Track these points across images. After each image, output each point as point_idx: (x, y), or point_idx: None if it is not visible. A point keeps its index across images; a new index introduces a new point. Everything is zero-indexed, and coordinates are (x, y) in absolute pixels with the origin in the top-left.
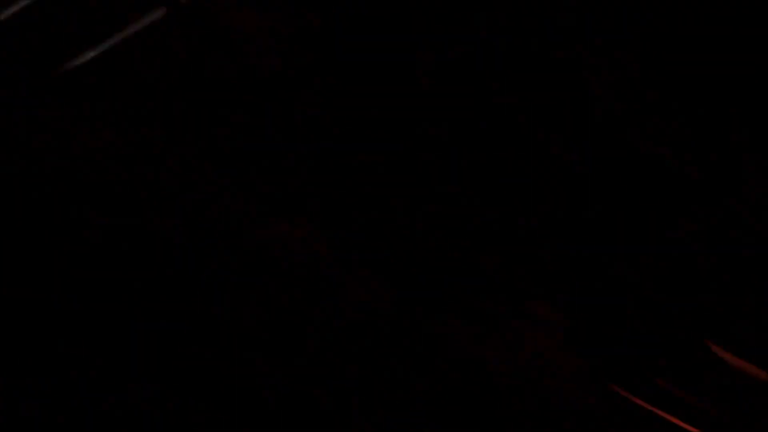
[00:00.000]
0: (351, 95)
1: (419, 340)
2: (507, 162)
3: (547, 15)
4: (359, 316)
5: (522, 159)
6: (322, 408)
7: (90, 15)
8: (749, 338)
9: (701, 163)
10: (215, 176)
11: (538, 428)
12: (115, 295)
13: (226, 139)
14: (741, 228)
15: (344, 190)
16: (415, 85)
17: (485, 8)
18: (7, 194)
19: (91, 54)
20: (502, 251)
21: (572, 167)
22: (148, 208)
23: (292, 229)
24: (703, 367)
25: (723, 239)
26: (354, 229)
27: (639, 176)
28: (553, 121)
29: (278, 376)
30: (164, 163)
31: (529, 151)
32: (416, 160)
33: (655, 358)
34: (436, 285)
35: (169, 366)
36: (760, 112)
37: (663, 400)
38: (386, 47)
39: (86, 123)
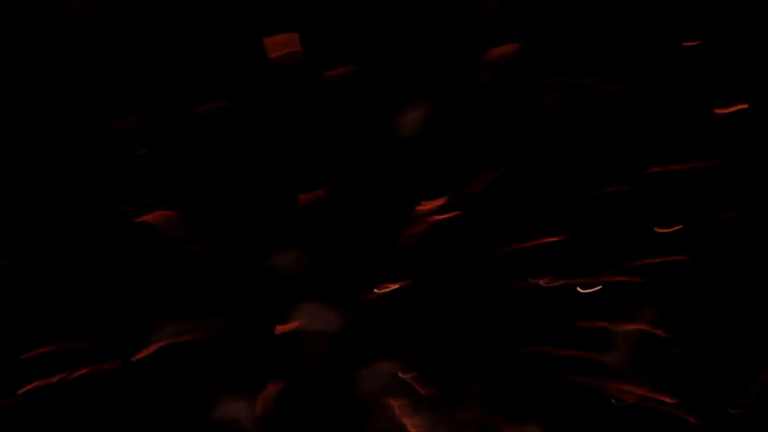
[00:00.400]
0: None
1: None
2: (506, 161)
3: (547, 15)
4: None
5: (522, 159)
6: (323, 407)
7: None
8: (749, 337)
9: (695, 163)
10: (215, 177)
11: None
12: (115, 295)
13: (227, 139)
14: (740, 226)
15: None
16: (417, 84)
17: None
18: (7, 194)
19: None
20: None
21: (570, 167)
22: (148, 208)
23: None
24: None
25: (722, 238)
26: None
27: (639, 176)
28: (553, 120)
29: (280, 376)
30: (165, 164)
31: (530, 151)
32: (416, 160)
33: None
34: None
35: (169, 366)
36: (760, 112)
37: None
38: (386, 47)
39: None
